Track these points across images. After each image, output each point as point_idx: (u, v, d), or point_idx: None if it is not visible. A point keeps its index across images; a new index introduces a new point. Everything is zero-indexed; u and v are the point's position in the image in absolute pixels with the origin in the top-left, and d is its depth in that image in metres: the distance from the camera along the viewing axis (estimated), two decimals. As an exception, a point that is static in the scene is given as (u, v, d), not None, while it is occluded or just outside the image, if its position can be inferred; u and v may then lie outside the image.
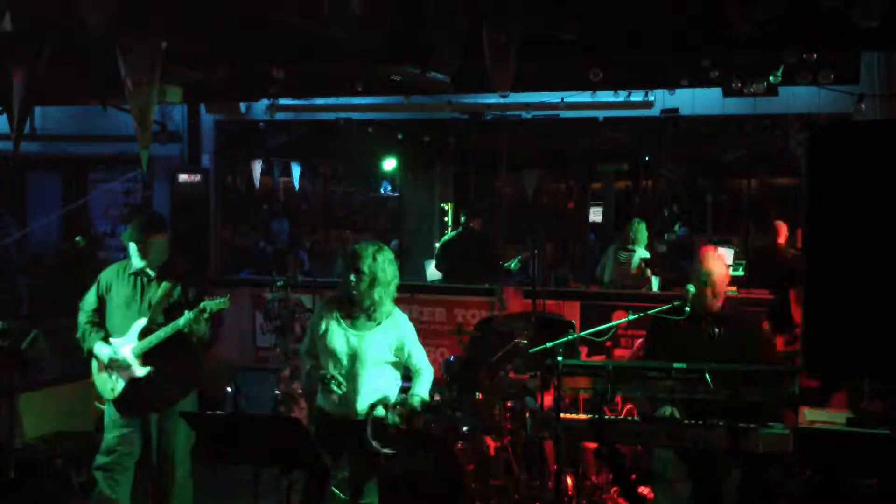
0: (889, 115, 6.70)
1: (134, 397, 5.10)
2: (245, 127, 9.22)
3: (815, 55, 6.20)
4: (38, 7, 4.49)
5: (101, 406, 5.31)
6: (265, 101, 8.37)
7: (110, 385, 5.14)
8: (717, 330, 4.88)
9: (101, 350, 5.11)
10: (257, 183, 11.42)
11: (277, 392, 7.33)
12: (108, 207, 9.53)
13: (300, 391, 7.29)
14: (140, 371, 5.03)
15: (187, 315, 4.89)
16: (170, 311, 5.03)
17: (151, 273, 5.13)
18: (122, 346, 5.06)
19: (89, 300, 5.23)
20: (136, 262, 5.12)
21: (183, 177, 8.71)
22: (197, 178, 8.70)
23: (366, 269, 4.68)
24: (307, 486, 4.79)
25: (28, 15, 4.49)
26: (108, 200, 9.49)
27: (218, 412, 7.01)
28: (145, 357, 5.03)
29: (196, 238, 8.69)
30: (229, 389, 7.80)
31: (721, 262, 4.94)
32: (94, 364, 5.22)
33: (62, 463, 6.30)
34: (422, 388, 4.82)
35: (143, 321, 5.03)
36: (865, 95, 6.80)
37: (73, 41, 4.77)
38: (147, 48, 4.56)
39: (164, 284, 5.10)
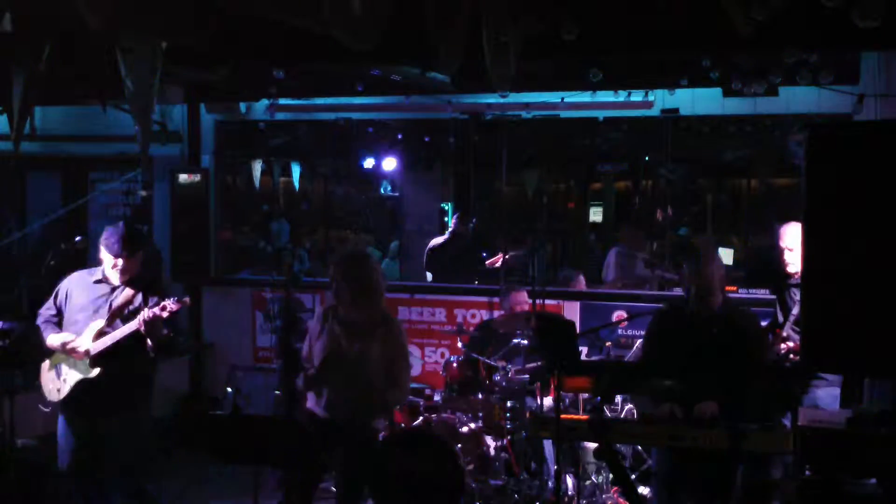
0: (889, 115, 6.69)
1: (80, 400, 5.01)
2: (245, 127, 9.22)
3: (815, 55, 6.21)
4: (38, 7, 4.48)
5: (45, 409, 5.21)
6: (265, 101, 8.36)
7: (56, 385, 5.06)
8: (715, 330, 4.88)
9: (55, 340, 5.01)
10: (257, 183, 11.43)
11: (277, 392, 7.32)
12: (108, 207, 9.52)
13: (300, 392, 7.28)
14: (88, 372, 4.94)
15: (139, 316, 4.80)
16: (129, 317, 4.95)
17: (115, 281, 5.05)
18: (77, 345, 4.97)
19: (46, 310, 5.15)
20: (105, 271, 5.03)
21: (183, 177, 8.70)
22: (197, 178, 8.69)
23: (339, 277, 4.66)
24: (305, 485, 4.80)
25: (28, 15, 4.48)
26: (108, 200, 9.48)
27: (218, 412, 7.01)
28: (96, 360, 4.93)
29: (196, 238, 8.69)
30: (229, 389, 7.80)
31: (714, 262, 4.93)
32: (44, 365, 5.14)
33: (62, 463, 6.29)
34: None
35: (99, 322, 4.95)
36: (865, 95, 6.80)
37: (73, 41, 4.76)
38: (147, 48, 4.56)
39: (126, 291, 5.03)
